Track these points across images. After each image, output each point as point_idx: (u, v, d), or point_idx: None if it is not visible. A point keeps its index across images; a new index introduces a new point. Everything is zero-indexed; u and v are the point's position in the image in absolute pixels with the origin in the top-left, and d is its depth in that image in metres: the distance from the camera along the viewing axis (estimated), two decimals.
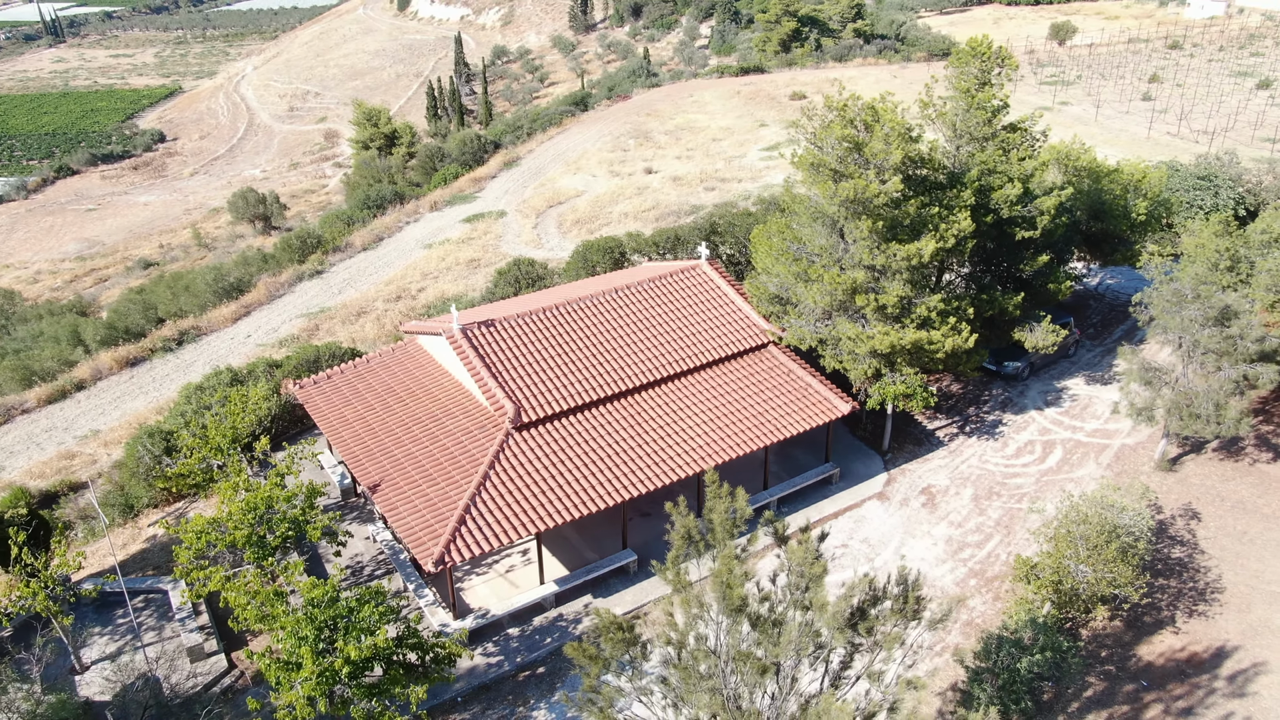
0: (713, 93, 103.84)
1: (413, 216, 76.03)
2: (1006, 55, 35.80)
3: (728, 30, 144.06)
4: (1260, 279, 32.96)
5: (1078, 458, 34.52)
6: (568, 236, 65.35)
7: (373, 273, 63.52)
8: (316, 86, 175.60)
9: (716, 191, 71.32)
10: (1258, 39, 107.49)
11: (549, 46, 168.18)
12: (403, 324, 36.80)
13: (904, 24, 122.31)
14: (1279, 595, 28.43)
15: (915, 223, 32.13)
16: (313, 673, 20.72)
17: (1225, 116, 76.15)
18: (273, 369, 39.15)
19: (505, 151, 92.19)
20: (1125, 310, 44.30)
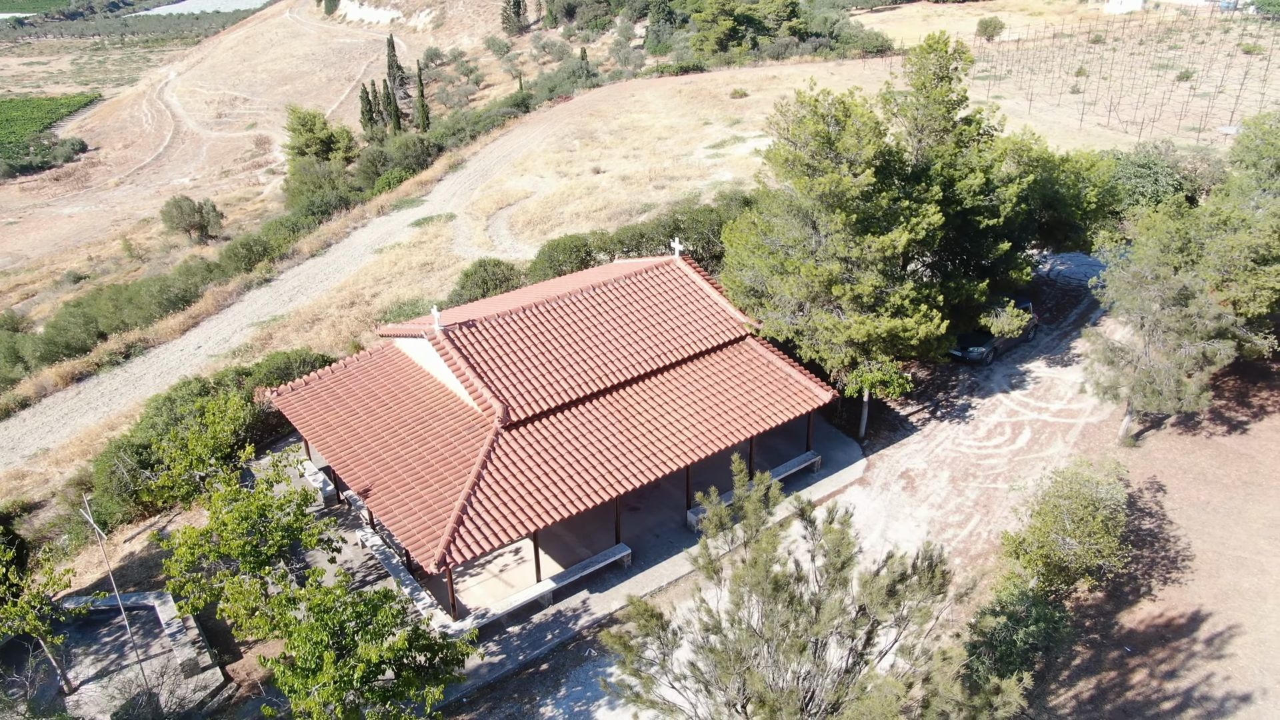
0: (654, 92, 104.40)
1: (360, 221, 75.11)
2: (962, 50, 36.81)
3: (662, 30, 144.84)
4: (1209, 259, 34.45)
5: (1046, 437, 35.72)
6: (520, 238, 65.24)
7: (323, 279, 62.63)
8: (245, 92, 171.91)
9: (666, 190, 71.77)
10: (1174, 33, 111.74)
11: (483, 48, 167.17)
12: (379, 328, 36.49)
13: (837, 22, 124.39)
14: (1245, 560, 29.83)
15: (887, 215, 32.92)
16: (332, 677, 20.56)
17: (1152, 107, 79.09)
18: (242, 377, 38.46)
19: (450, 154, 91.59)
20: (1078, 294, 45.90)
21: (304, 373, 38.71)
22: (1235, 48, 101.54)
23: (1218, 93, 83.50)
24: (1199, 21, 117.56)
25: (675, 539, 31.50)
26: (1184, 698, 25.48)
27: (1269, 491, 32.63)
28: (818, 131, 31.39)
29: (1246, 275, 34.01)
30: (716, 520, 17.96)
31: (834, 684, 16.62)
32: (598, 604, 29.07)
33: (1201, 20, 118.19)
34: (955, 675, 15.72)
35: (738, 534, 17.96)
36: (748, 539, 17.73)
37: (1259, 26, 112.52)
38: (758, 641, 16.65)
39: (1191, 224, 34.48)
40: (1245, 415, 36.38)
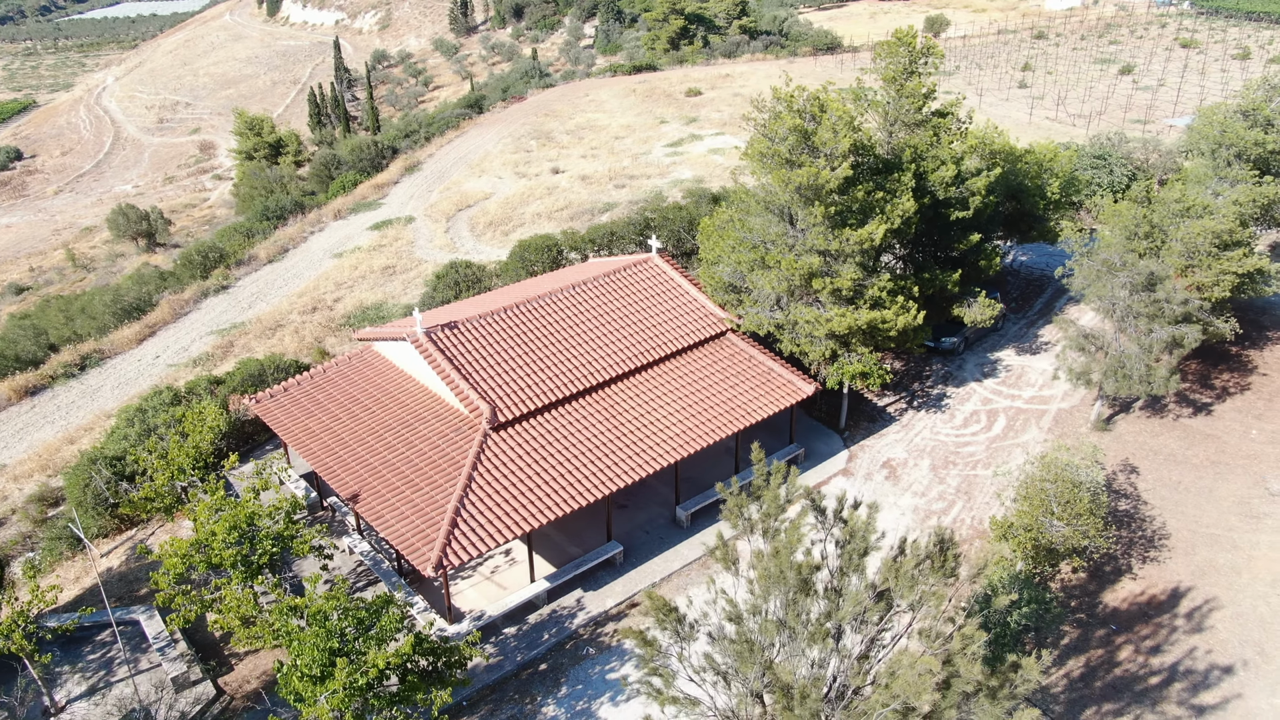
0: (608, 91, 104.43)
1: (317, 226, 74.15)
2: (932, 45, 37.41)
3: (612, 29, 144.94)
4: (1173, 246, 35.44)
5: (1020, 424, 36.48)
6: (482, 239, 64.91)
7: (282, 285, 61.75)
8: (186, 96, 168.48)
9: (627, 189, 71.83)
10: (1114, 28, 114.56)
11: (431, 50, 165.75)
12: (356, 332, 36.08)
13: (786, 20, 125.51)
14: (1218, 537, 30.75)
15: (863, 207, 33.36)
16: (343, 684, 20.32)
17: (1098, 101, 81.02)
18: (215, 386, 37.77)
19: (405, 156, 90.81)
20: (1041, 284, 46.90)
21: (278, 379, 38.13)
22: (1173, 42, 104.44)
23: (1159, 86, 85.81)
24: (1137, 17, 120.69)
25: (665, 535, 31.62)
26: (1169, 672, 26.21)
27: (1235, 470, 33.67)
28: (795, 126, 31.70)
29: (1209, 260, 35.04)
30: (737, 511, 18.04)
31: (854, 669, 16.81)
32: (592, 602, 29.08)
33: (1139, 16, 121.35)
34: (975, 655, 16.03)
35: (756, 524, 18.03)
36: (766, 529, 17.84)
37: (1194, 21, 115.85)
38: (780, 629, 16.78)
39: (1155, 211, 35.42)
40: (1209, 397, 37.48)
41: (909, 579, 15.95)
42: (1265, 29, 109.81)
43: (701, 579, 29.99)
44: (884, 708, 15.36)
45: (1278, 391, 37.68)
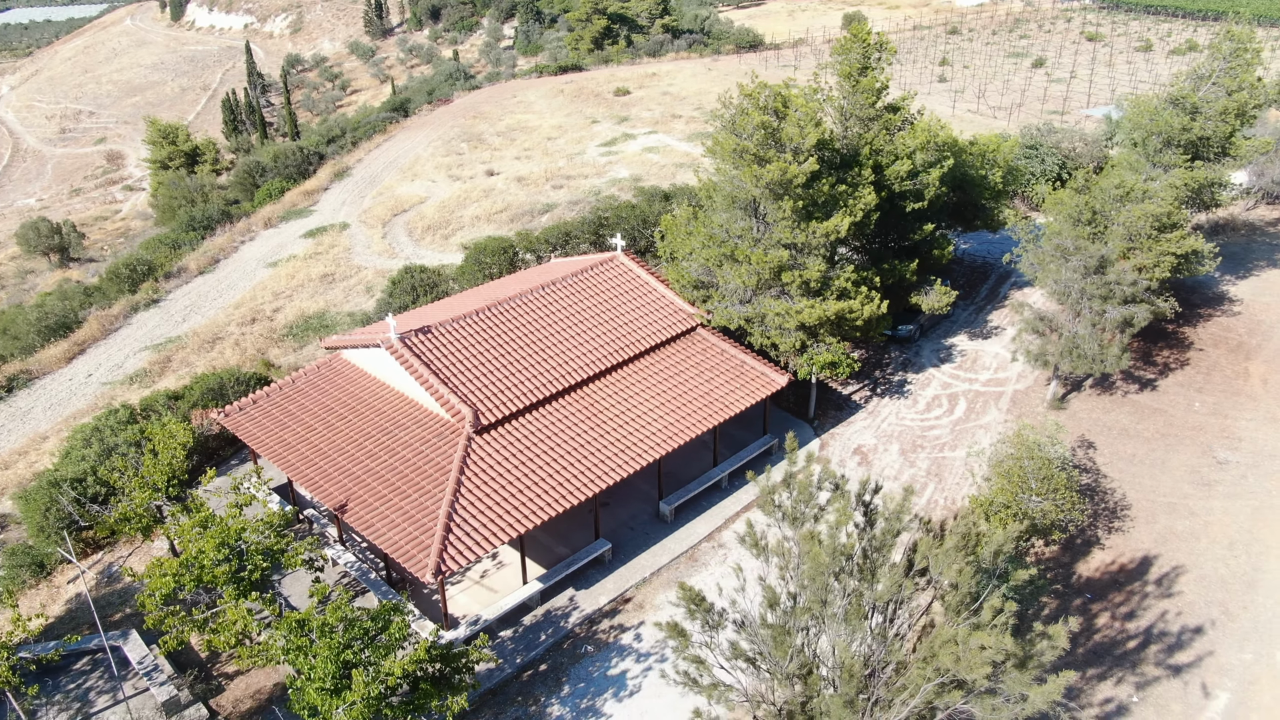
0: (536, 92, 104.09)
1: (247, 235, 72.43)
2: (884, 41, 38.38)
3: (532, 30, 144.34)
4: (1115, 230, 37.04)
5: (980, 406, 37.72)
6: (422, 243, 64.25)
7: (216, 296, 60.24)
8: (90, 105, 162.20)
9: (565, 189, 71.82)
10: (1023, 23, 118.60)
11: (346, 53, 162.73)
12: (323, 340, 35.43)
13: (707, 18, 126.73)
14: (1175, 505, 32.32)
15: (828, 201, 34.10)
16: (361, 695, 20.07)
17: (1015, 93, 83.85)
18: (174, 401, 36.68)
19: (333, 162, 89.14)
20: (984, 271, 48.48)
21: (240, 392, 37.25)
22: (1079, 35, 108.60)
23: (1071, 78, 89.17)
24: (1043, 12, 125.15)
25: (650, 530, 31.87)
26: (1145, 636, 27.49)
27: (1184, 441, 35.40)
28: (763, 123, 32.24)
29: (1150, 243, 36.72)
30: (769, 498, 18.39)
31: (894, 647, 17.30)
32: (585, 600, 29.17)
33: (1045, 11, 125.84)
34: (1005, 626, 16.68)
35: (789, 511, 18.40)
36: (795, 515, 18.22)
37: (1097, 15, 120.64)
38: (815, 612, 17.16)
39: (1095, 198, 37.00)
40: (1152, 374, 39.28)
41: (948, 557, 16.48)
42: (1163, 22, 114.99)
43: (691, 572, 30.32)
44: (927, 682, 15.87)
45: (1214, 365, 39.68)
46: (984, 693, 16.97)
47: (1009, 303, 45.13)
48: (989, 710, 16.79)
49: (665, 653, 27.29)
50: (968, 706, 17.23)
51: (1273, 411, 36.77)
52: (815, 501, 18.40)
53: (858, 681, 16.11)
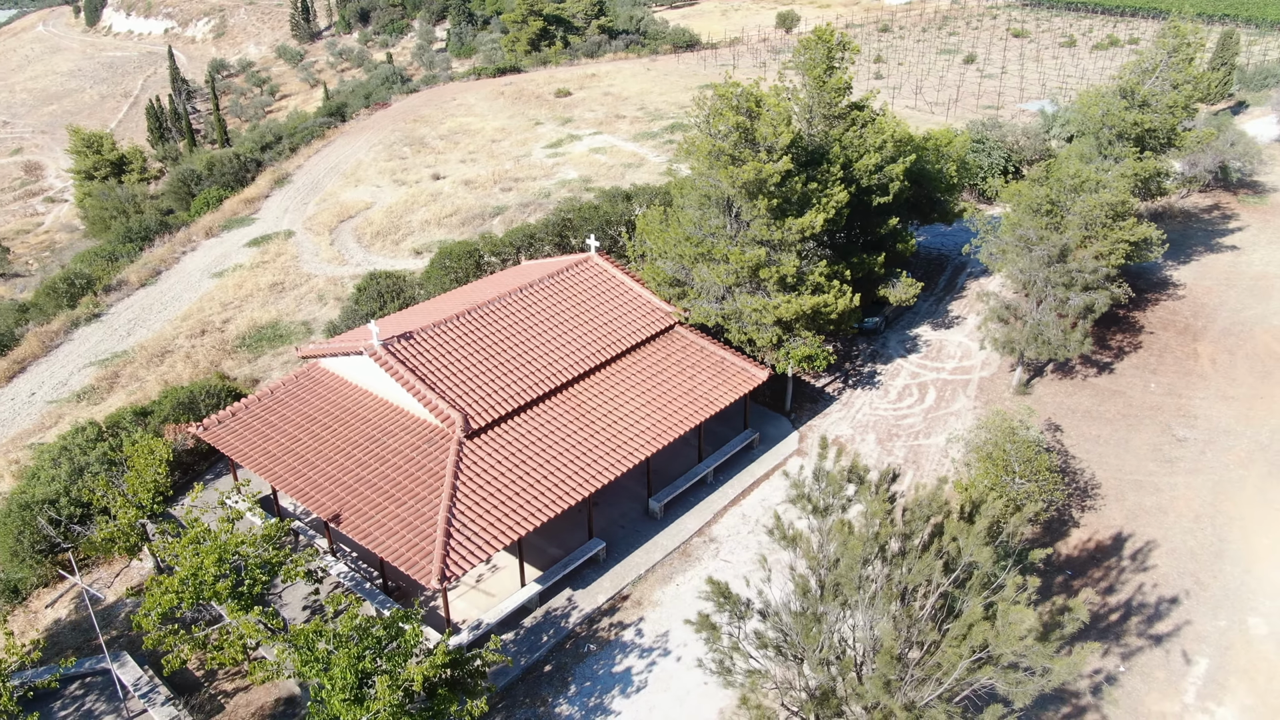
0: (475, 95, 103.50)
1: (188, 245, 70.84)
2: (848, 40, 39.16)
3: (465, 32, 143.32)
4: (1072, 220, 38.37)
5: (949, 394, 38.75)
6: (372, 249, 63.57)
7: (161, 309, 58.85)
8: (2, 115, 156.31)
9: (514, 191, 71.68)
10: (951, 20, 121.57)
11: (274, 58, 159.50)
12: (299, 349, 34.89)
13: (643, 19, 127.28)
14: (1141, 483, 33.66)
15: (801, 198, 34.73)
16: (386, 702, 19.95)
17: (951, 89, 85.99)
18: (143, 417, 35.77)
19: (272, 169, 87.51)
20: (941, 263, 49.74)
21: (211, 405, 36.49)
22: (1005, 32, 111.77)
23: (1002, 74, 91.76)
24: (970, 10, 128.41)
25: (641, 527, 32.11)
26: (1125, 608, 28.61)
27: (1144, 421, 36.85)
28: (738, 123, 32.70)
29: (1105, 231, 38.12)
30: (802, 494, 18.77)
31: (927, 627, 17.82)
32: (583, 600, 29.29)
33: (972, 9, 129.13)
34: (1030, 600, 17.33)
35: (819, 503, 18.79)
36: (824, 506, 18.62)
37: (1021, 12, 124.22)
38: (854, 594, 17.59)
39: (1052, 188, 38.28)
40: (1109, 357, 40.78)
41: (980, 538, 17.05)
42: (1084, 18, 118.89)
43: (685, 567, 30.64)
44: (962, 660, 16.41)
45: (1165, 348, 41.36)
46: (1007, 667, 17.59)
47: (968, 293, 46.40)
48: (1014, 684, 17.42)
49: (668, 647, 27.60)
50: (991, 681, 17.84)
51: (1223, 390, 38.47)
52: (844, 493, 18.83)
53: (895, 663, 16.58)
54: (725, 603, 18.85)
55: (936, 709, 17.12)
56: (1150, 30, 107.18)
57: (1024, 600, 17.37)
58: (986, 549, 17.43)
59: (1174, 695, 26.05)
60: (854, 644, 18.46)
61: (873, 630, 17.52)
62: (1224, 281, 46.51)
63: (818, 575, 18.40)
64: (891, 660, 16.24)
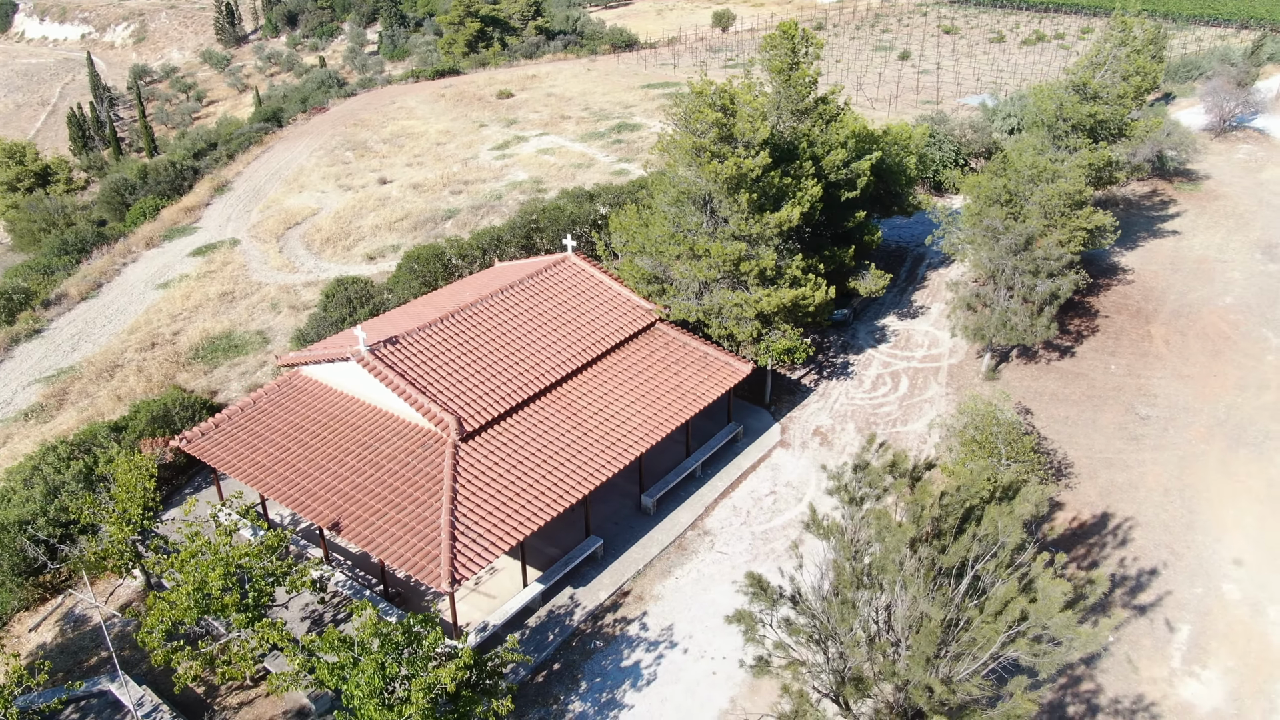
0: (415, 98, 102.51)
1: (128, 256, 68.99)
2: (811, 36, 39.84)
3: (397, 34, 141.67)
4: (1032, 209, 39.62)
5: (921, 382, 39.72)
6: (322, 256, 62.69)
7: (106, 323, 57.28)
8: None
9: (464, 194, 71.26)
10: (883, 18, 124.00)
11: (199, 63, 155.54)
12: (280, 358, 34.29)
13: (579, 19, 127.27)
14: (1111, 460, 34.97)
15: (778, 192, 35.30)
16: (420, 707, 19.87)
17: (890, 85, 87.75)
18: (118, 432, 34.80)
19: (210, 177, 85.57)
20: (900, 255, 50.86)
21: (185, 417, 35.68)
22: (936, 29, 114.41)
23: (937, 69, 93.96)
24: (900, 7, 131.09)
25: (635, 523, 32.32)
26: (1111, 581, 29.72)
27: (1108, 402, 38.25)
28: (716, 120, 33.11)
29: (1064, 219, 39.43)
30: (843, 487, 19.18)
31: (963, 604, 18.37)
32: (585, 597, 29.40)
33: (902, 6, 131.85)
34: (1055, 573, 18.01)
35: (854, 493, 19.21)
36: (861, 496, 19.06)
37: (950, 9, 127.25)
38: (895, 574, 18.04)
39: (1010, 179, 39.47)
40: (1069, 341, 42.20)
41: (1019, 521, 17.67)
42: (1010, 14, 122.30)
43: (682, 560, 30.94)
44: (999, 634, 17.00)
45: (1121, 331, 42.95)
46: (1034, 639, 18.26)
47: (929, 283, 47.55)
48: (1040, 656, 18.08)
49: (674, 639, 27.88)
50: (1015, 654, 18.49)
51: (1178, 369, 40.12)
52: (882, 483, 19.31)
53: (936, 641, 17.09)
54: (763, 594, 19.17)
55: (971, 683, 17.69)
56: (1074, 26, 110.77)
57: (1050, 574, 18.02)
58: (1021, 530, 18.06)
59: (1161, 661, 27.18)
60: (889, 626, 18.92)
61: (912, 610, 18.00)
62: (1169, 266, 48.45)
63: (852, 562, 18.84)
64: (934, 638, 16.73)
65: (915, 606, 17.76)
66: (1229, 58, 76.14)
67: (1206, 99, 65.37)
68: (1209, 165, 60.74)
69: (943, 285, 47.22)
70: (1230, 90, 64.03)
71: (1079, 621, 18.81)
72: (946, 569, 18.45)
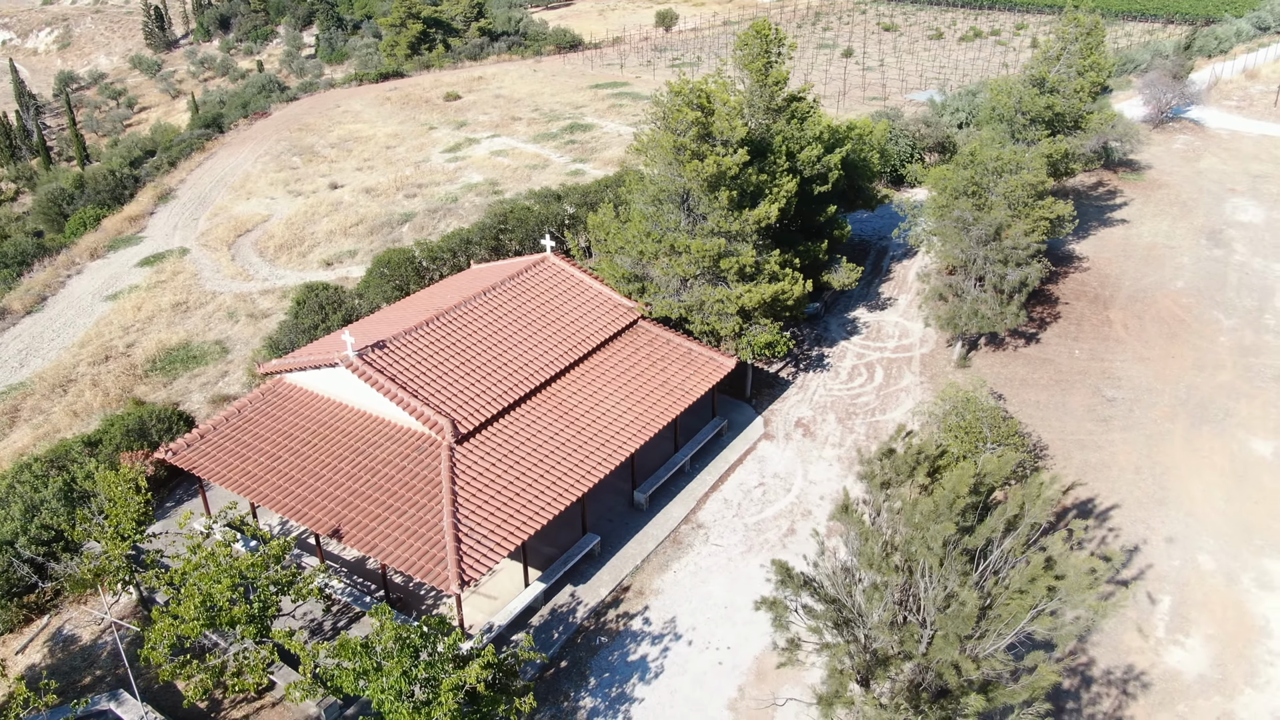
0: (360, 101, 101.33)
1: (73, 268, 67.23)
2: (783, 35, 40.42)
3: (335, 37, 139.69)
4: (997, 201, 40.71)
5: (895, 371, 40.57)
6: (278, 263, 61.77)
7: (54, 337, 55.81)
8: None
9: (419, 197, 70.75)
10: (823, 16, 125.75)
11: (128, 68, 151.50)
12: (261, 366, 33.76)
13: (521, 20, 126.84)
14: (1083, 442, 36.13)
15: (755, 189, 35.79)
16: (449, 709, 19.86)
17: (837, 82, 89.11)
18: (92, 447, 33.95)
19: (153, 185, 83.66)
20: (864, 248, 51.80)
21: (162, 429, 34.96)
22: (876, 26, 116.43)
23: (880, 66, 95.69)
24: (839, 5, 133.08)
25: (629, 519, 32.53)
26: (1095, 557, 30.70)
27: (1076, 385, 39.49)
28: (696, 119, 33.47)
29: (1027, 210, 40.59)
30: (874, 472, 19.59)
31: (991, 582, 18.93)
32: (586, 594, 29.53)
33: (840, 4, 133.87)
34: (1071, 548, 18.65)
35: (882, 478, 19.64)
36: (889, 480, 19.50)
37: (889, 7, 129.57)
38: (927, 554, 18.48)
39: (974, 171, 40.51)
40: (1033, 329, 43.44)
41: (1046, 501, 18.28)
42: (946, 11, 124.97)
43: (678, 554, 31.22)
44: (1026, 611, 17.60)
45: (1081, 317, 44.35)
46: (1053, 614, 18.92)
47: (894, 276, 48.52)
48: (1060, 630, 18.75)
49: (678, 631, 28.16)
50: (1036, 629, 19.15)
51: (1139, 352, 41.56)
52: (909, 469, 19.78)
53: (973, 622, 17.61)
54: (789, 580, 19.53)
55: (996, 658, 18.28)
56: (1009, 22, 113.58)
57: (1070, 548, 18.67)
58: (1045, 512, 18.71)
59: (1147, 631, 28.22)
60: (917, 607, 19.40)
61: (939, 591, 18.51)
62: (1121, 253, 50.12)
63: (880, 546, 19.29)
64: (971, 619, 17.24)
65: (944, 586, 18.27)
66: (1161, 51, 78.87)
67: (1144, 91, 67.67)
68: (1150, 155, 62.93)
69: (908, 277, 48.26)
70: (1167, 83, 66.39)
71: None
72: (969, 549, 19.01)
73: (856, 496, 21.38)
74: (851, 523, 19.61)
